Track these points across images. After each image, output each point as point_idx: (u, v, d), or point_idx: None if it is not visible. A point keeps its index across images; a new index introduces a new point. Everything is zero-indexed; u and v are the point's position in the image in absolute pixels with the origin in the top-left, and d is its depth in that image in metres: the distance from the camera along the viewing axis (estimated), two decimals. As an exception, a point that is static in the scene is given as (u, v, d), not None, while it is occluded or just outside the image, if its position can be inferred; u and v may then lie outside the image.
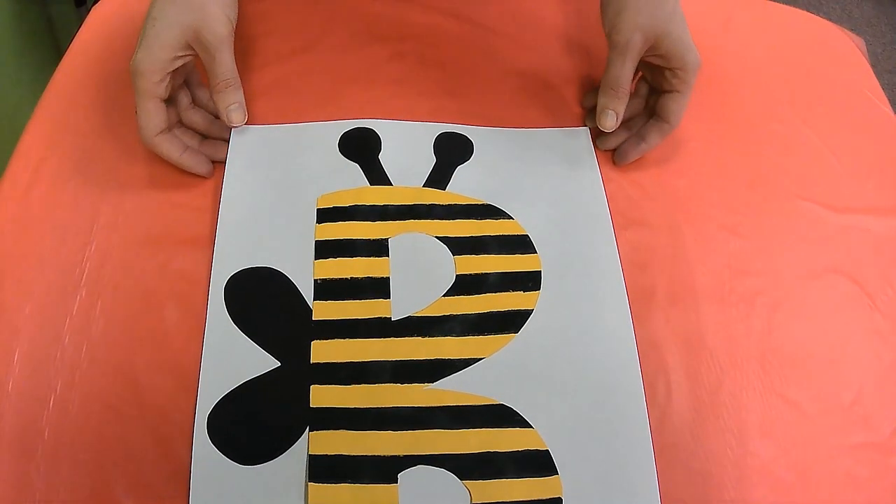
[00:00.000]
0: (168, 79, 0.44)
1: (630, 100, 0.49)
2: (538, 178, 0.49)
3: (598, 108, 0.48)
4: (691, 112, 0.54)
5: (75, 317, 0.42)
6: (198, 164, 0.47)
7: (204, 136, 0.49)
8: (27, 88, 0.88)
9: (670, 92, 0.48)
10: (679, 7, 0.47)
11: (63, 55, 0.55)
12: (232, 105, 0.46)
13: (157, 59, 0.43)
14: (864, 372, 0.44)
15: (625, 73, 0.47)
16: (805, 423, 0.42)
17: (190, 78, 0.49)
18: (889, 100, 0.58)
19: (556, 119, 0.53)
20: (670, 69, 0.47)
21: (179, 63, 0.44)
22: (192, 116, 0.48)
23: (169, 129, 0.46)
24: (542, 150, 0.50)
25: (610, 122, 0.48)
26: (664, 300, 0.45)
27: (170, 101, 0.46)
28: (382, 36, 0.57)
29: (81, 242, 0.45)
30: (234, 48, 0.46)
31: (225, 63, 0.45)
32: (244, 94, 0.47)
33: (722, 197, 0.50)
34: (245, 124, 0.48)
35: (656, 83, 0.49)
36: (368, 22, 0.57)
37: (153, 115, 0.44)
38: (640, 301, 0.44)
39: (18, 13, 0.89)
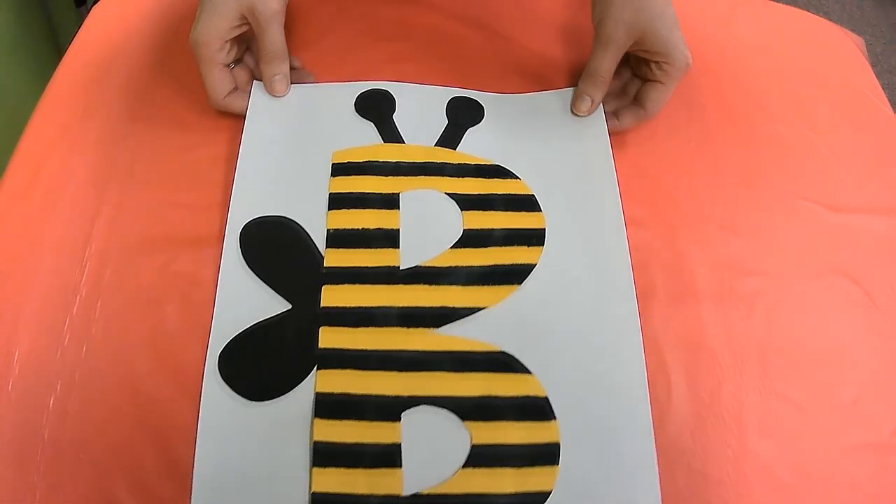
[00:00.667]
0: (228, 46, 0.47)
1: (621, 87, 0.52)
2: (546, 139, 0.51)
3: (576, 93, 0.51)
4: (691, 112, 0.54)
5: (75, 317, 0.42)
6: None
7: None
8: (27, 88, 0.88)
9: (654, 82, 0.50)
10: (670, 7, 0.48)
11: (63, 55, 0.55)
12: (276, 76, 0.49)
13: (215, 28, 0.46)
14: (864, 372, 0.44)
15: (605, 65, 0.49)
16: (805, 423, 0.42)
17: (251, 45, 0.51)
18: (889, 100, 0.58)
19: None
20: (655, 62, 0.49)
21: (236, 32, 0.47)
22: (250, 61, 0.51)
23: (237, 88, 0.49)
24: (551, 113, 0.52)
25: (585, 106, 0.51)
26: (664, 300, 0.45)
27: (238, 62, 0.50)
28: (387, 35, 0.57)
29: (81, 242, 0.45)
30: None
31: (273, 37, 0.48)
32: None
33: (722, 197, 0.50)
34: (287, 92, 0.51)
35: (642, 73, 0.51)
36: (372, 21, 0.58)
37: (218, 81, 0.48)
38: (640, 301, 0.44)
39: (18, 13, 0.89)
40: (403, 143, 0.49)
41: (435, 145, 0.50)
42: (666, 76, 0.49)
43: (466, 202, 0.47)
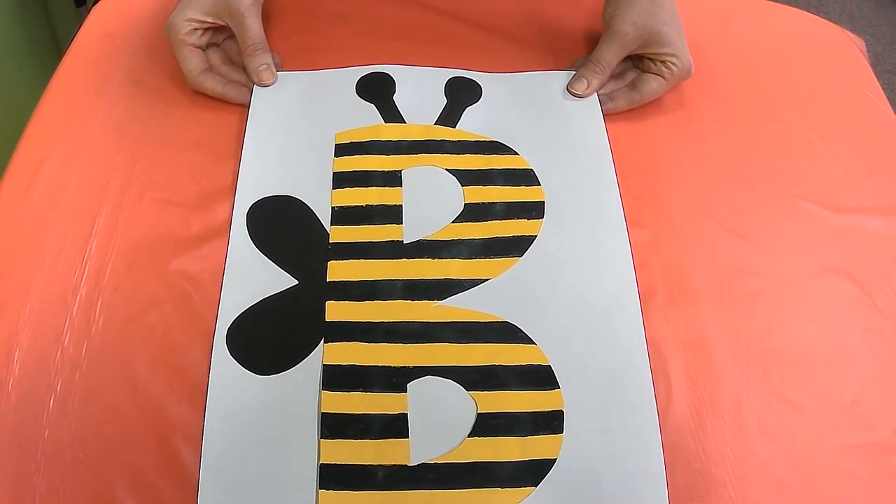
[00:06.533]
0: (200, 32, 0.49)
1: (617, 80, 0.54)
2: (543, 116, 0.52)
3: (575, 75, 0.53)
4: (691, 112, 0.54)
5: (75, 317, 0.42)
6: (240, 95, 0.51)
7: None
8: (27, 88, 0.88)
9: (655, 75, 0.52)
10: (677, 18, 0.51)
11: (63, 55, 0.55)
12: (262, 66, 0.50)
13: (187, 16, 0.48)
14: (864, 372, 0.44)
15: (608, 56, 0.52)
16: (805, 423, 0.42)
17: (229, 48, 0.53)
18: (889, 100, 0.58)
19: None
20: (662, 61, 0.51)
21: (207, 25, 0.49)
22: (227, 69, 0.52)
23: (210, 69, 0.51)
24: (548, 92, 0.53)
25: (581, 86, 0.53)
26: (664, 300, 0.45)
27: (213, 46, 0.52)
28: (386, 18, 0.58)
29: (82, 242, 0.45)
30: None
31: (252, 29, 0.49)
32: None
33: (722, 197, 0.50)
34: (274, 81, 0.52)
35: (644, 66, 0.53)
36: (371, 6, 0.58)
37: (190, 59, 0.49)
38: (640, 301, 0.44)
39: (18, 13, 0.88)
40: (404, 122, 0.51)
41: (435, 124, 0.51)
42: (670, 73, 0.51)
43: (467, 177, 0.48)
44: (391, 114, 0.51)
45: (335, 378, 0.40)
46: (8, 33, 0.87)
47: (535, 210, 0.47)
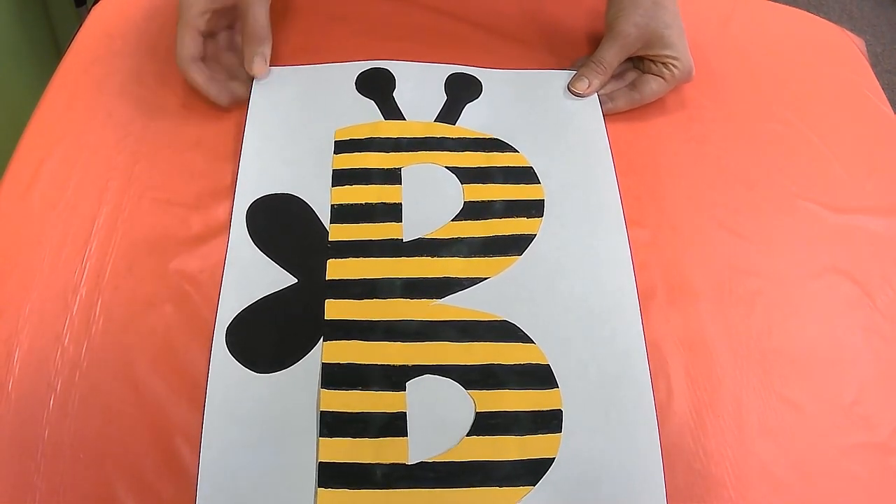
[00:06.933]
0: (209, 16, 0.49)
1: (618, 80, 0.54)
2: (543, 115, 0.52)
3: (576, 75, 0.53)
4: (691, 112, 0.54)
5: (75, 317, 0.42)
6: (219, 94, 0.50)
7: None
8: (27, 88, 0.88)
9: (656, 76, 0.52)
10: (679, 20, 0.51)
11: (63, 55, 0.55)
12: (256, 56, 0.50)
13: None
14: (864, 372, 0.44)
15: (609, 56, 0.52)
16: (805, 423, 0.42)
17: (235, 24, 0.52)
18: (889, 100, 0.58)
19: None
20: (663, 62, 0.51)
21: (220, 5, 0.49)
22: (227, 57, 0.52)
23: (202, 58, 0.50)
24: (549, 91, 0.53)
25: (582, 86, 0.52)
26: (664, 300, 0.45)
27: (209, 36, 0.51)
28: (386, 14, 0.58)
29: (82, 242, 0.45)
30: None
31: (257, 17, 0.49)
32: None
33: (722, 197, 0.50)
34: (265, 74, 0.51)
35: (644, 67, 0.53)
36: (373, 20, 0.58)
37: (188, 43, 0.49)
38: (641, 302, 0.44)
39: (18, 13, 0.88)
40: (404, 119, 0.50)
41: (434, 121, 0.51)
42: (671, 75, 0.51)
43: (466, 175, 0.48)
44: (391, 110, 0.51)
45: (334, 376, 0.40)
46: (8, 33, 0.87)
47: (534, 209, 0.47)
